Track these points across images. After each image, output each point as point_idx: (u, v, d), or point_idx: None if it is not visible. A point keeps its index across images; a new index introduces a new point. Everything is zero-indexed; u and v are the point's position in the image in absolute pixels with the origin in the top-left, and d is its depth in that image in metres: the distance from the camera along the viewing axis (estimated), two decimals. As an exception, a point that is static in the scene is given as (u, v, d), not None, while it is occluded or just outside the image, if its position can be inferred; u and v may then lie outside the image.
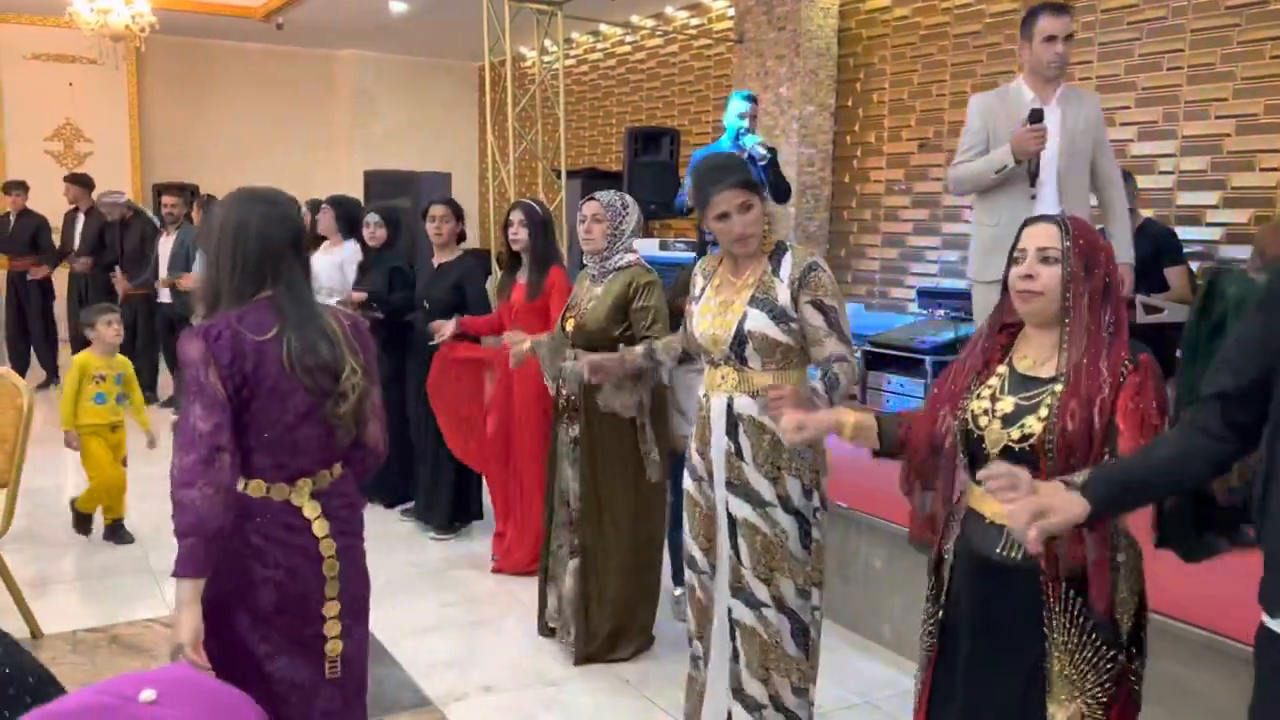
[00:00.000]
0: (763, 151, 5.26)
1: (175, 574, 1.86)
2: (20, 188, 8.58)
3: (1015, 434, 1.83)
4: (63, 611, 3.90)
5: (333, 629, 2.11)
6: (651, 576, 3.61)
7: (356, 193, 9.70)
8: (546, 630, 3.75)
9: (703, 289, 2.73)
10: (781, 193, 5.51)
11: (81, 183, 8.52)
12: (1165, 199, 5.41)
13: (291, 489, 2.06)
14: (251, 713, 0.77)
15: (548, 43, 7.58)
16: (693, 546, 2.76)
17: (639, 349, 3.16)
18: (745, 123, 5.41)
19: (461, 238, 5.02)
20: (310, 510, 2.08)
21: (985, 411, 1.89)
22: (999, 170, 3.63)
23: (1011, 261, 1.90)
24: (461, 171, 11.00)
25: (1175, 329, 4.45)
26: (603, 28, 9.48)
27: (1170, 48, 5.36)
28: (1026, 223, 1.91)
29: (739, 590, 2.62)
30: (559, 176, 7.59)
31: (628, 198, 3.56)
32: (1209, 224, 5.28)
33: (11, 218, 8.56)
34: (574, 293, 3.66)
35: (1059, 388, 1.80)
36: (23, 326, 8.58)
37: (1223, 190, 5.21)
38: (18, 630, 3.65)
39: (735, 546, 2.61)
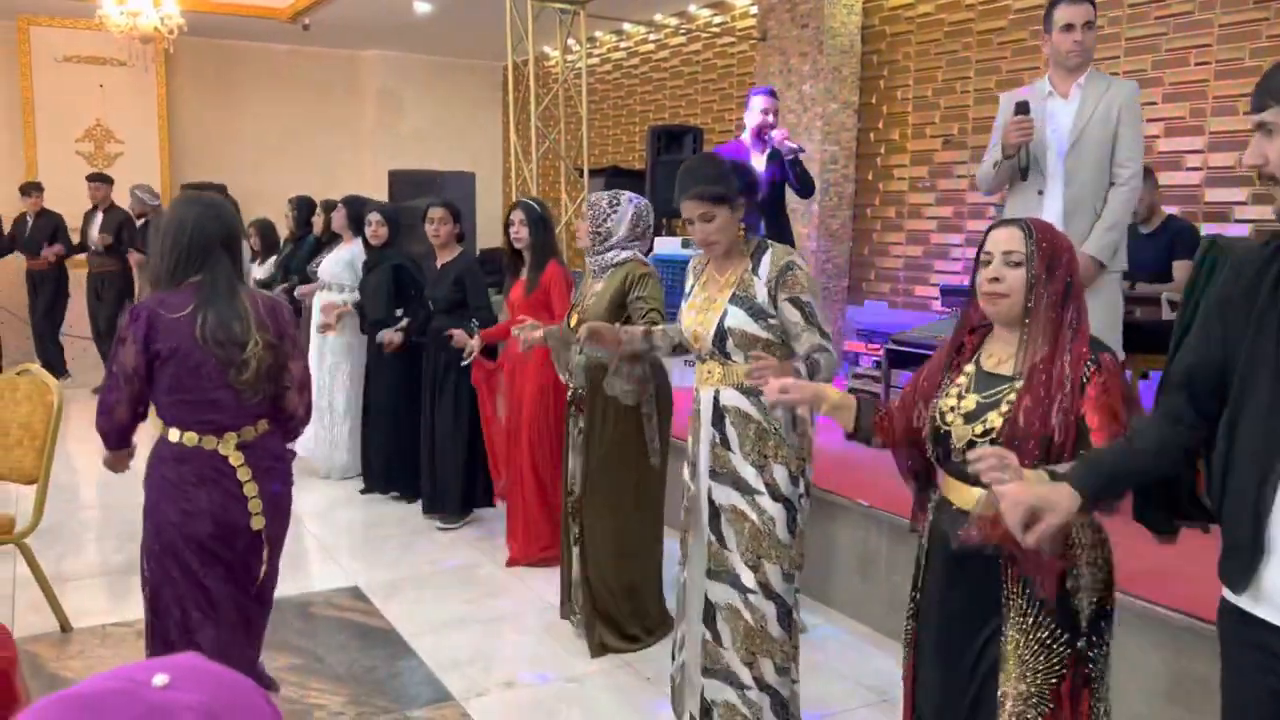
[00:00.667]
0: (791, 146, 5.23)
1: (109, 448, 2.64)
2: (37, 189, 8.74)
3: (978, 429, 1.91)
4: (91, 606, 3.96)
5: (255, 555, 2.61)
6: (650, 562, 3.72)
7: (381, 192, 9.78)
8: (567, 614, 3.85)
9: (692, 286, 2.86)
10: (806, 189, 5.49)
11: (105, 180, 8.66)
12: (1193, 195, 5.36)
13: (219, 440, 2.52)
14: (259, 699, 0.78)
15: (571, 42, 7.60)
16: (683, 536, 2.90)
17: (638, 329, 3.22)
18: (770, 118, 5.39)
19: (460, 238, 5.16)
20: (235, 459, 2.53)
21: (952, 409, 1.98)
22: (995, 164, 3.67)
23: (978, 265, 1.97)
24: (485, 171, 11.05)
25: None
26: (626, 26, 9.49)
27: (1198, 42, 5.30)
28: (991, 227, 1.99)
29: (718, 574, 2.71)
30: (582, 175, 7.60)
31: (624, 198, 3.65)
32: (1237, 220, 5.21)
33: (29, 218, 8.70)
34: (579, 290, 3.79)
35: (1019, 384, 1.88)
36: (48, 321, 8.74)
37: (1251, 186, 5.14)
38: (48, 624, 3.72)
39: (718, 533, 2.71)
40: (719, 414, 2.71)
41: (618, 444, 3.58)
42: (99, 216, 8.61)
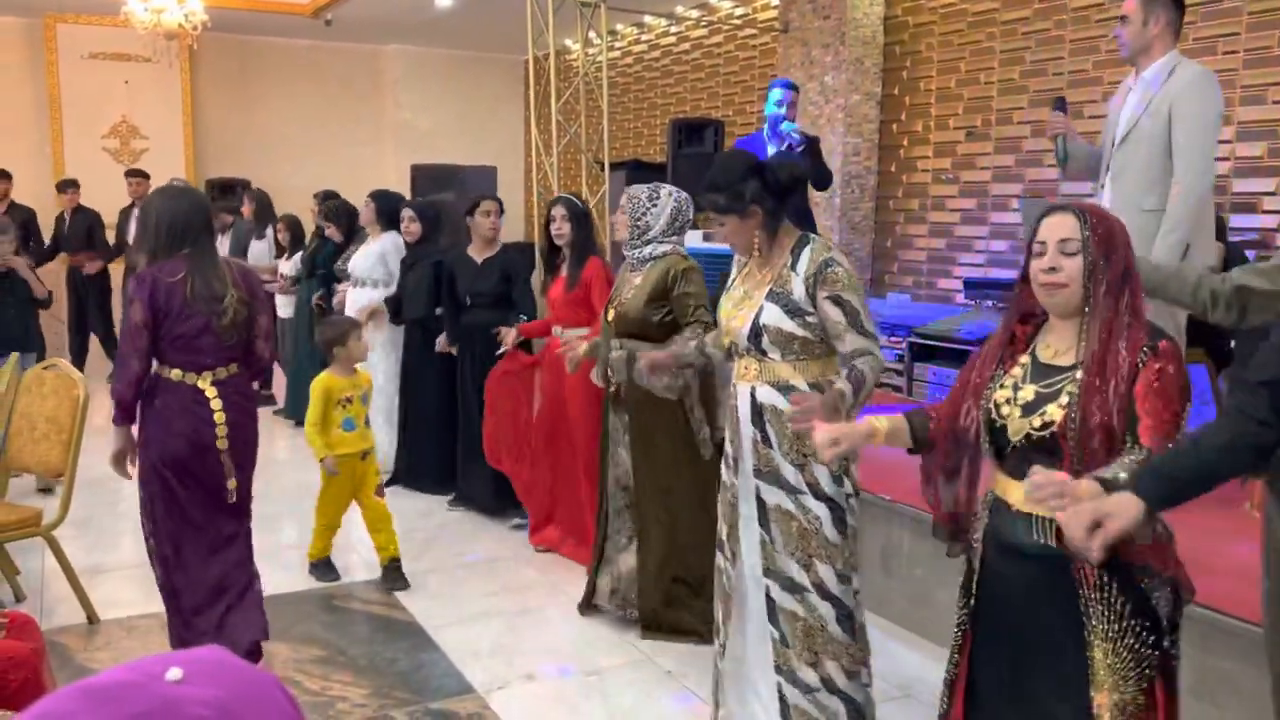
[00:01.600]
0: (795, 139, 5.22)
1: (114, 422, 3.14)
2: (73, 185, 8.72)
3: (1036, 422, 1.83)
4: (117, 598, 4.00)
5: (227, 471, 3.15)
6: (710, 557, 3.50)
7: (403, 187, 9.81)
8: (589, 607, 3.85)
9: (733, 279, 2.79)
10: (822, 181, 5.46)
11: (143, 176, 8.66)
12: (1221, 185, 5.29)
13: (199, 377, 3.10)
14: (280, 694, 0.79)
15: (591, 35, 7.59)
16: (722, 531, 2.83)
17: (691, 345, 3.17)
18: (783, 110, 5.37)
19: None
20: (210, 392, 3.10)
21: (1008, 400, 1.89)
22: (1057, 159, 3.79)
23: (1031, 254, 1.89)
24: (506, 165, 11.06)
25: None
26: (646, 19, 9.46)
27: (1226, 30, 5.23)
28: (1044, 214, 1.90)
29: (773, 572, 2.65)
30: (602, 169, 7.59)
31: (664, 191, 3.59)
32: (1266, 211, 5.15)
33: (66, 215, 8.72)
34: (616, 284, 3.76)
35: (1079, 374, 1.80)
36: (83, 321, 8.76)
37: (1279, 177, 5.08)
38: (75, 616, 3.76)
39: (767, 530, 2.65)
40: (757, 410, 2.64)
41: (668, 438, 3.55)
42: (137, 212, 8.59)
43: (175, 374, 3.08)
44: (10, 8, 9.76)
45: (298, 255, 7.04)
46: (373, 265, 5.81)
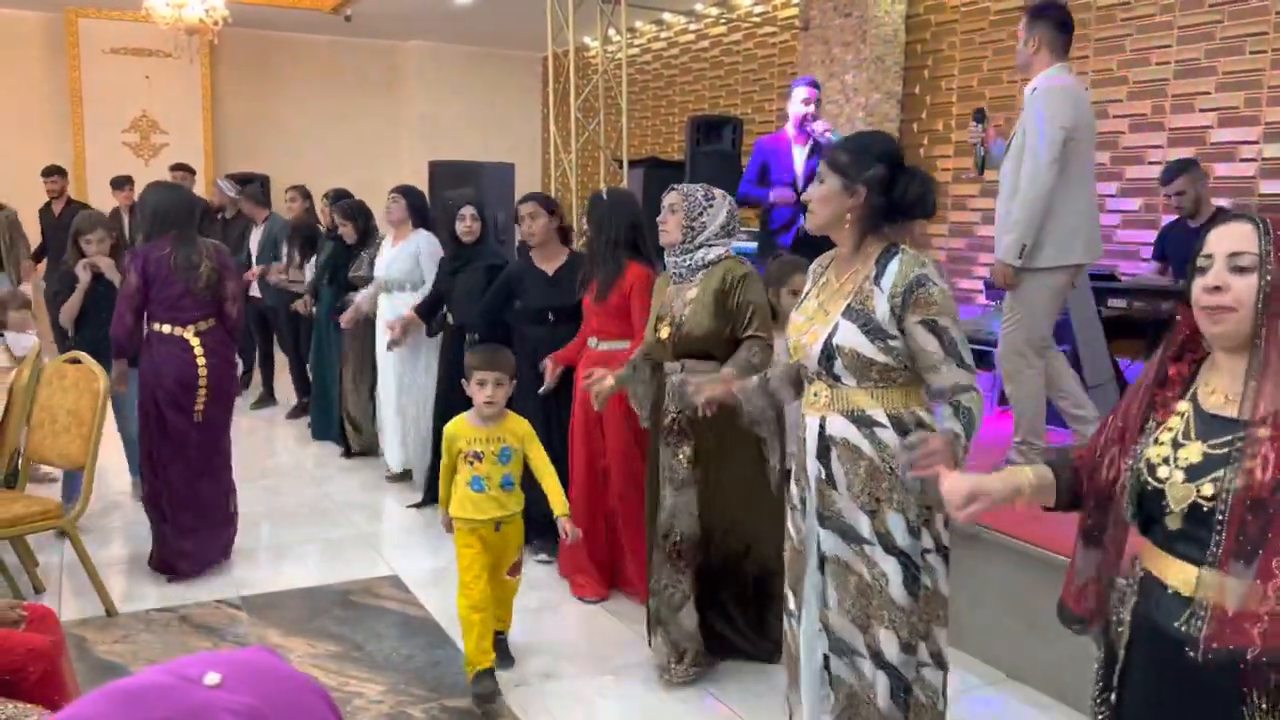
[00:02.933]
0: (830, 138, 5.19)
1: (113, 358, 4.09)
2: (129, 183, 8.52)
3: (1206, 489, 1.46)
4: (135, 591, 4.01)
5: (200, 402, 4.05)
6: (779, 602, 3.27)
7: (420, 182, 9.81)
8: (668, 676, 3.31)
9: (808, 291, 2.44)
10: None
11: (188, 170, 8.53)
12: (1246, 187, 5.23)
13: (184, 330, 4.02)
14: (319, 700, 0.77)
15: (611, 32, 7.57)
16: (787, 587, 2.50)
17: (753, 382, 2.66)
18: (811, 108, 5.34)
19: (566, 238, 4.48)
20: (193, 341, 4.03)
21: (1165, 460, 1.52)
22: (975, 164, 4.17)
23: (1195, 271, 1.53)
24: (524, 162, 11.05)
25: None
26: (666, 16, 9.44)
27: (1253, 30, 5.17)
28: (1214, 221, 1.57)
29: (827, 633, 2.35)
30: (621, 166, 7.58)
31: (717, 192, 3.25)
32: (1293, 213, 5.09)
33: (124, 213, 8.55)
34: (658, 299, 3.31)
35: (1263, 432, 1.42)
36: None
37: (1308, 178, 5.02)
38: (94, 608, 3.77)
39: (823, 588, 2.34)
40: (825, 445, 2.30)
41: (738, 468, 3.20)
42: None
43: (165, 328, 4.02)
44: (32, 3, 9.82)
45: (310, 262, 6.65)
46: (410, 267, 5.29)
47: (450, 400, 4.90)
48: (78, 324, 4.77)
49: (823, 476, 2.31)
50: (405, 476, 5.61)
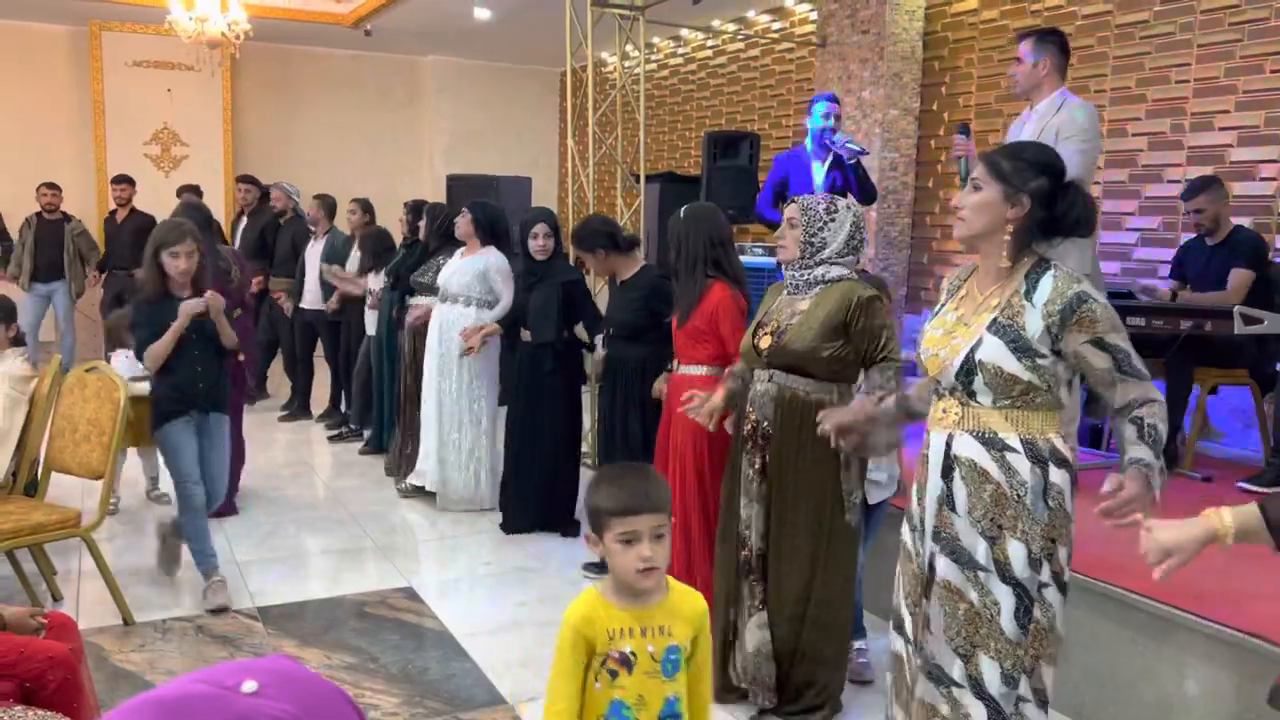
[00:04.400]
0: (853, 148, 5.20)
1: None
2: (192, 191, 8.41)
3: None
4: (152, 600, 4.03)
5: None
6: (841, 631, 3.14)
7: (439, 196, 9.87)
8: (732, 691, 3.21)
9: (943, 303, 2.34)
10: (868, 195, 5.43)
11: (253, 182, 8.47)
12: (1266, 206, 5.21)
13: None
14: (349, 707, 0.78)
15: (629, 48, 7.60)
16: (902, 608, 2.36)
17: (891, 402, 2.60)
18: (830, 122, 5.34)
19: (632, 245, 4.46)
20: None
21: None
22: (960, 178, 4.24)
23: None
24: (541, 176, 11.10)
25: (1278, 340, 4.29)
26: (684, 32, 9.47)
27: (1273, 49, 5.16)
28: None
29: (924, 661, 2.25)
30: (638, 181, 7.60)
31: (841, 203, 3.12)
32: (1314, 231, 5.06)
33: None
34: (765, 307, 3.20)
35: None
36: None
37: (1328, 197, 4.99)
38: (111, 617, 3.79)
39: (929, 611, 2.23)
40: (949, 464, 2.19)
41: (810, 493, 3.03)
42: (244, 221, 8.29)
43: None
44: (58, 16, 9.93)
45: (379, 272, 6.62)
46: (470, 282, 5.25)
47: (528, 423, 4.89)
48: (163, 367, 3.86)
49: (944, 495, 2.21)
50: (419, 492, 5.56)
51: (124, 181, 8.69)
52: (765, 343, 3.08)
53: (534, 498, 4.95)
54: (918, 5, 6.90)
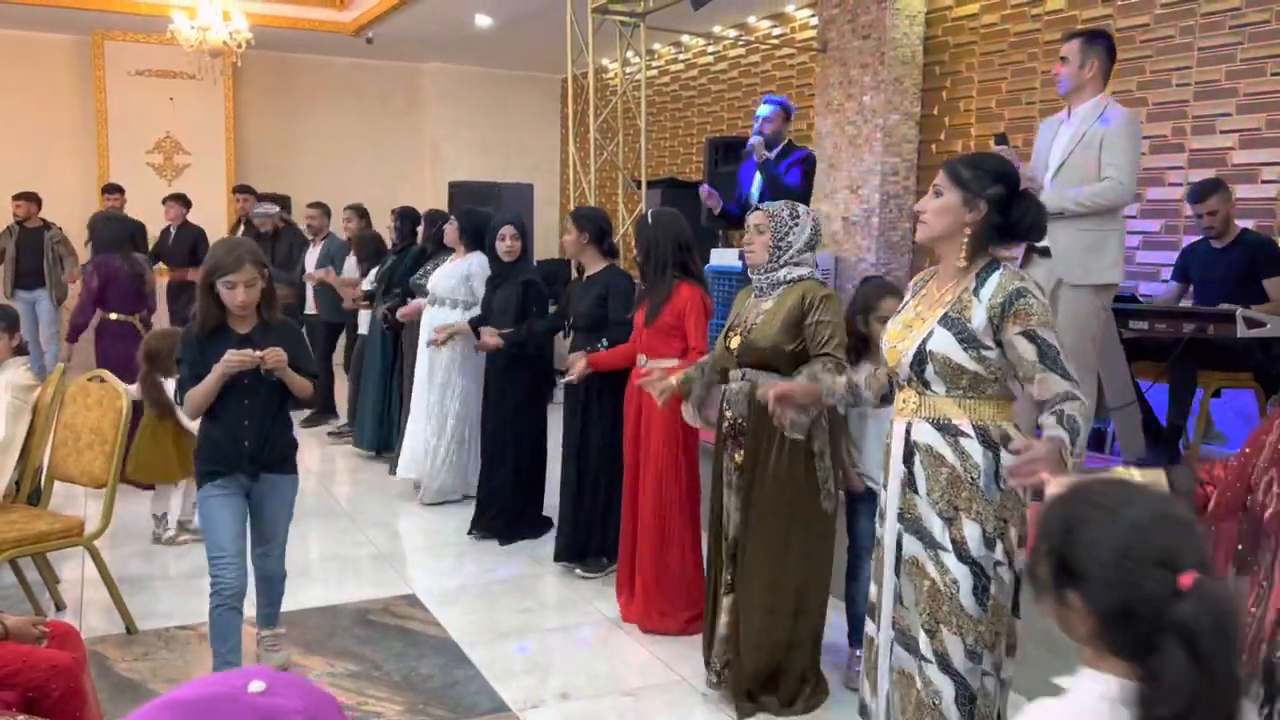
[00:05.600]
0: (753, 148, 5.41)
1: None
2: (179, 201, 8.62)
3: None
4: (156, 608, 4.03)
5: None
6: (810, 622, 3.24)
7: (441, 203, 9.88)
8: (715, 681, 3.37)
9: (907, 301, 2.52)
10: (782, 191, 5.48)
11: (250, 192, 8.62)
12: (1267, 209, 5.20)
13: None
14: (340, 715, 0.79)
15: (630, 54, 7.62)
16: (873, 592, 2.52)
17: (840, 380, 2.79)
18: (758, 124, 5.49)
19: (610, 252, 4.55)
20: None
21: None
22: None
23: None
24: (542, 182, 11.11)
25: (1280, 344, 4.28)
26: (685, 38, 9.49)
27: (1274, 52, 5.15)
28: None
29: (899, 633, 2.38)
30: (639, 187, 7.61)
31: (801, 209, 3.26)
32: (1318, 234, 5.06)
33: (172, 230, 8.66)
34: (736, 310, 3.36)
35: None
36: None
37: (1331, 199, 4.98)
38: (114, 626, 3.79)
39: (900, 587, 2.38)
40: (909, 450, 2.36)
41: (782, 483, 3.15)
42: (241, 230, 8.36)
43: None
44: (60, 26, 9.96)
45: (372, 272, 6.82)
46: (455, 285, 5.52)
47: (493, 420, 5.09)
48: (208, 413, 3.18)
49: (906, 479, 2.37)
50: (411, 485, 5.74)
51: (115, 191, 8.82)
52: (735, 343, 3.25)
53: (501, 494, 5.00)
54: (918, 10, 6.90)
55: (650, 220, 3.92)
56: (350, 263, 7.28)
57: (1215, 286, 4.60)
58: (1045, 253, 3.86)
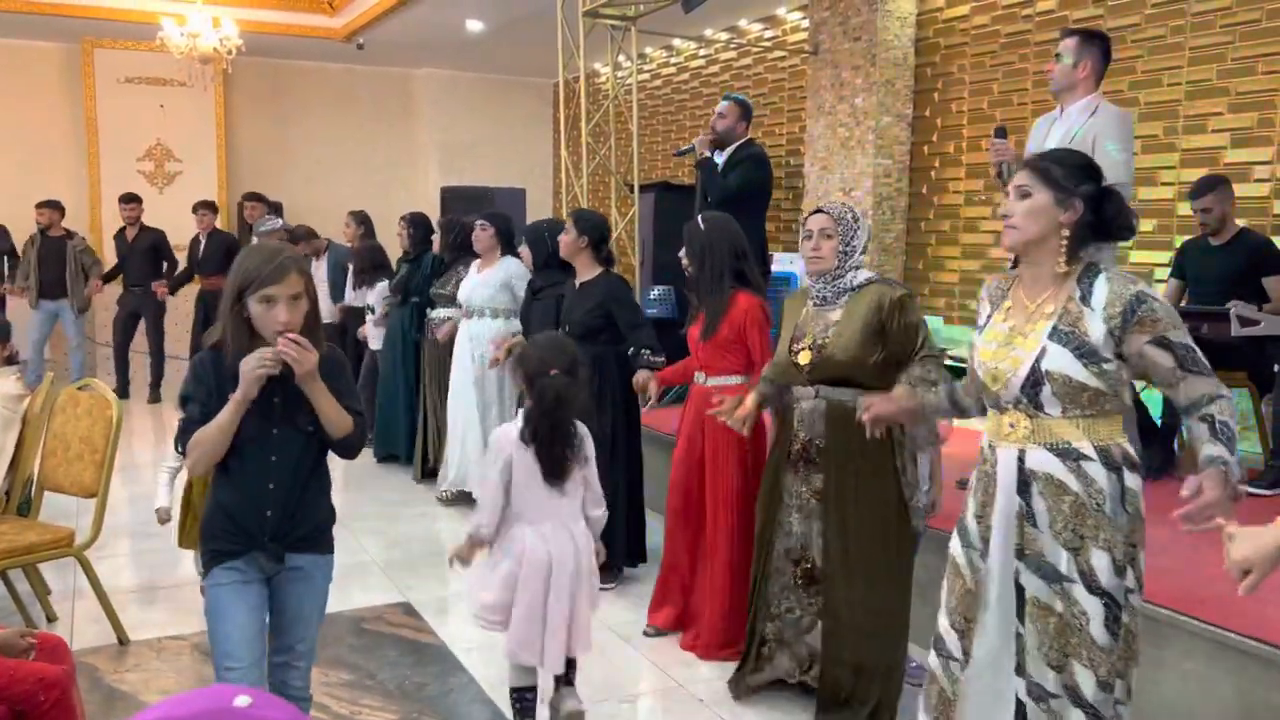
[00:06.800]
0: (704, 151, 5.54)
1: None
2: (208, 208, 8.59)
3: None
4: (148, 619, 4.00)
5: None
6: (902, 643, 3.11)
7: (433, 208, 9.86)
8: (749, 690, 3.26)
9: (989, 315, 2.30)
10: (713, 196, 5.49)
11: (261, 200, 8.56)
12: (1261, 207, 5.21)
13: None
14: None
15: (621, 58, 7.61)
16: (944, 625, 2.33)
17: (940, 391, 2.59)
18: (716, 121, 5.64)
19: (607, 260, 4.44)
20: None
21: None
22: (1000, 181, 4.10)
23: None
24: (535, 187, 11.11)
25: (1275, 342, 4.27)
26: (676, 42, 9.49)
27: (1265, 50, 5.16)
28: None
29: (1025, 673, 2.19)
30: (632, 191, 7.60)
31: (856, 210, 3.12)
32: (1310, 232, 5.06)
33: (202, 238, 8.62)
34: (792, 321, 3.14)
35: None
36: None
37: (1323, 198, 4.99)
38: (106, 636, 3.76)
39: (1023, 625, 2.19)
40: (1024, 480, 2.16)
41: (871, 504, 2.99)
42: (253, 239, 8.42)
43: None
44: (49, 33, 9.93)
45: (382, 283, 6.74)
46: (494, 294, 5.31)
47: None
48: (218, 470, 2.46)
49: (1023, 511, 2.17)
50: (463, 498, 5.59)
51: (132, 200, 8.73)
52: (805, 358, 3.02)
53: None
54: (909, 12, 6.91)
55: (703, 225, 3.63)
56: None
57: (1213, 285, 4.60)
58: None
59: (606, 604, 4.17)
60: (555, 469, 2.85)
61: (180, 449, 2.35)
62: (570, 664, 3.04)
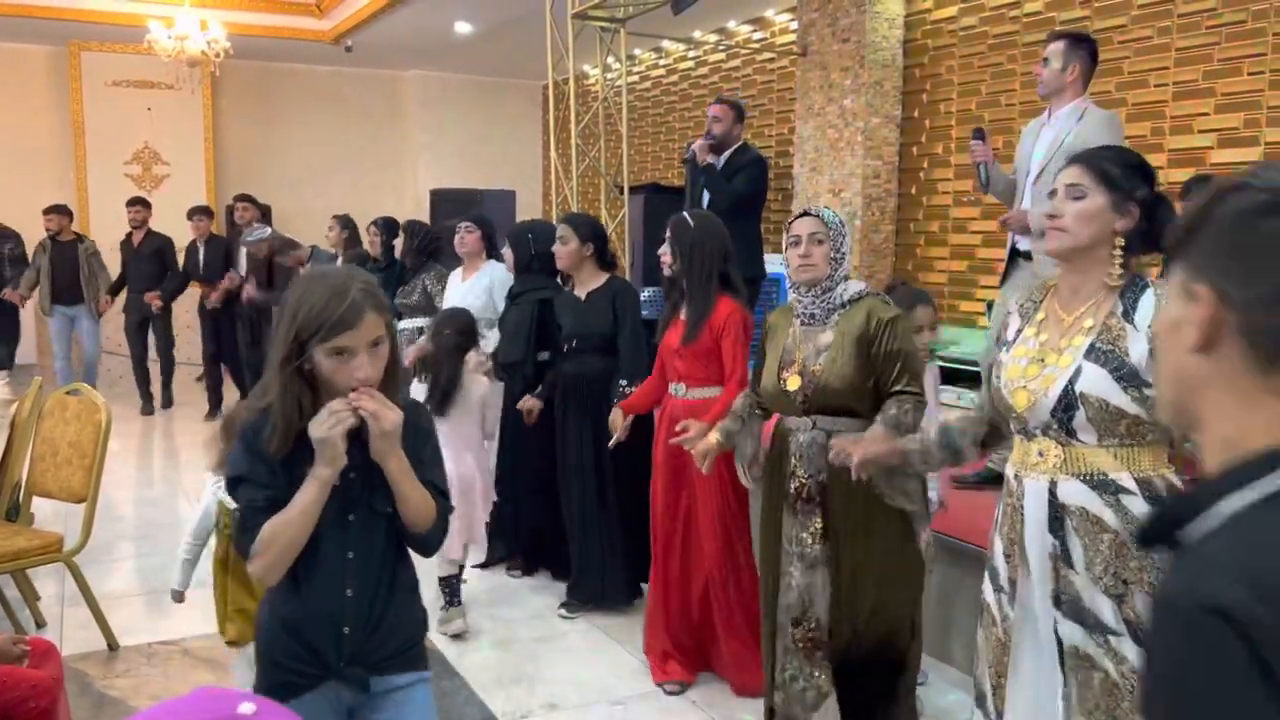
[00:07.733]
0: (705, 159, 5.41)
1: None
2: (204, 214, 8.39)
3: None
4: (138, 624, 3.98)
5: None
6: (911, 670, 2.80)
7: (422, 211, 9.85)
8: None
9: (1019, 329, 2.05)
10: (718, 201, 5.48)
11: (252, 202, 8.39)
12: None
13: None
14: None
15: (610, 60, 7.62)
16: (985, 680, 2.08)
17: (934, 437, 2.26)
18: (711, 125, 5.53)
19: (608, 264, 4.16)
20: None
21: None
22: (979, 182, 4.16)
23: None
24: (525, 189, 11.10)
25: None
26: (665, 44, 9.50)
27: (1251, 51, 5.19)
28: None
29: None
30: (621, 193, 7.60)
31: (841, 213, 2.86)
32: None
33: (200, 245, 8.34)
34: (777, 341, 2.80)
35: None
36: (217, 355, 8.26)
37: (1309, 198, 5.01)
38: (95, 642, 3.74)
39: (1068, 682, 1.94)
40: (1056, 515, 1.91)
41: (881, 539, 2.66)
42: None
43: None
44: (35, 36, 9.89)
45: None
46: (485, 303, 4.73)
47: (516, 441, 4.48)
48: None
49: (1057, 552, 1.92)
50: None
51: (138, 204, 8.39)
52: (795, 384, 2.68)
53: (514, 526, 4.60)
54: (897, 13, 6.93)
55: (692, 222, 3.40)
56: None
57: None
58: (1028, 256, 3.86)
59: (600, 608, 4.18)
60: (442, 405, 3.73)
61: (242, 550, 1.78)
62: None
